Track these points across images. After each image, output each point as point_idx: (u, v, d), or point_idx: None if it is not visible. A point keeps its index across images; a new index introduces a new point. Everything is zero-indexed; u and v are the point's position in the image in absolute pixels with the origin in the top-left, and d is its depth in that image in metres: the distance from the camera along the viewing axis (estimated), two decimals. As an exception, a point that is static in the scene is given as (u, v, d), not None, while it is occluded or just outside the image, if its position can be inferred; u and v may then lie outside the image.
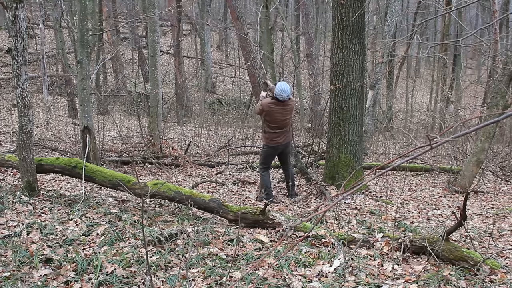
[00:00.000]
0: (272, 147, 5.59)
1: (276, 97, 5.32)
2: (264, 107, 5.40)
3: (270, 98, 5.46)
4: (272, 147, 5.59)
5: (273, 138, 5.53)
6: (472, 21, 28.94)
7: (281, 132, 5.53)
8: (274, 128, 5.47)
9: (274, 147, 5.59)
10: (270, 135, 5.52)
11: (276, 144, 5.57)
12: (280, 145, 5.59)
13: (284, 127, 5.54)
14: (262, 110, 5.42)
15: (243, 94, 19.00)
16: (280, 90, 5.28)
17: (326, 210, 1.33)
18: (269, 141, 5.56)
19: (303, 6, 14.25)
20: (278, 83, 5.41)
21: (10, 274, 2.73)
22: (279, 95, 5.28)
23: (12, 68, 4.35)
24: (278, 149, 5.63)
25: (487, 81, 13.98)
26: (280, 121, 5.46)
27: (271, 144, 5.56)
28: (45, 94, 12.15)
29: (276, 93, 5.29)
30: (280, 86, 5.31)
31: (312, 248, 3.53)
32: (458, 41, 7.50)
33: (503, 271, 3.09)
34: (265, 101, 5.44)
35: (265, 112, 5.41)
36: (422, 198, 6.13)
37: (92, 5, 12.71)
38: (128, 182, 4.56)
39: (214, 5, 26.40)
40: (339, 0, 5.85)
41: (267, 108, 5.38)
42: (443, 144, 5.83)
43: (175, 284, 2.78)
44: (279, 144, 5.58)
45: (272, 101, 5.38)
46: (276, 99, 5.34)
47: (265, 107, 5.39)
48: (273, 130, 5.49)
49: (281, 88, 5.28)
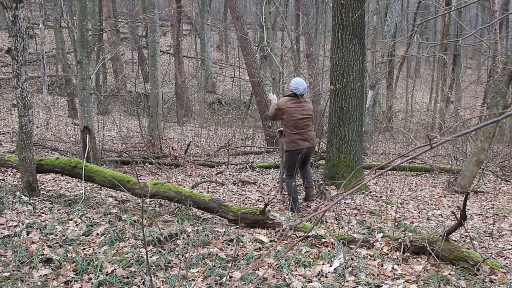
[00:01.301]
0: (295, 151, 5.08)
1: (292, 92, 5.05)
2: (280, 105, 5.05)
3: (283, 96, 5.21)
4: (296, 151, 5.08)
5: (295, 141, 5.07)
6: (472, 21, 28.94)
7: (303, 133, 5.09)
8: (294, 129, 5.05)
9: (298, 150, 5.08)
10: (291, 137, 5.08)
11: (300, 148, 5.07)
12: (303, 148, 5.10)
13: (305, 127, 5.11)
14: (279, 108, 5.05)
15: (243, 94, 19.01)
16: (296, 83, 5.04)
17: (326, 210, 1.33)
18: (291, 145, 5.09)
19: (303, 6, 14.25)
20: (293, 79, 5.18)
21: (10, 274, 2.73)
22: (295, 88, 5.02)
23: (12, 68, 4.35)
24: (302, 153, 5.11)
25: (487, 81, 13.98)
26: (300, 120, 5.05)
27: (294, 148, 5.08)
28: (45, 94, 12.15)
29: (292, 87, 5.05)
30: (295, 80, 5.09)
31: (312, 248, 3.53)
32: (458, 41, 7.50)
33: (503, 271, 3.09)
34: (281, 100, 5.13)
35: (282, 110, 5.03)
36: (422, 198, 6.13)
37: (92, 5, 12.72)
38: (128, 182, 4.56)
39: (214, 5, 26.41)
40: (339, 0, 5.85)
41: (284, 106, 5.02)
42: (443, 144, 5.83)
43: (175, 284, 2.78)
44: (302, 147, 5.09)
45: (288, 98, 5.07)
46: (293, 95, 5.06)
47: (281, 105, 5.04)
48: (294, 131, 5.06)
49: (297, 82, 5.06)
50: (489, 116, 5.30)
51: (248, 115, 16.51)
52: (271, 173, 7.77)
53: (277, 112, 5.12)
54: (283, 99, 5.13)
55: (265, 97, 11.23)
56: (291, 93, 5.12)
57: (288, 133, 5.11)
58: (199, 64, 20.71)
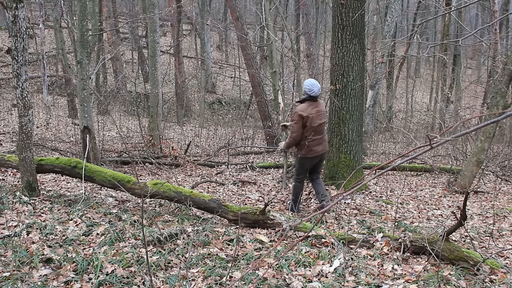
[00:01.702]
0: (311, 158, 4.91)
1: (308, 94, 4.79)
2: (302, 113, 4.73)
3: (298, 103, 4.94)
4: (311, 158, 4.91)
5: (313, 148, 4.85)
6: (472, 21, 28.95)
7: (320, 139, 4.91)
8: (314, 135, 4.81)
9: (313, 157, 4.92)
10: (310, 144, 4.82)
11: (315, 155, 4.90)
12: (318, 154, 4.94)
13: (322, 132, 4.95)
14: (301, 117, 4.73)
15: (243, 94, 19.01)
16: (310, 85, 4.79)
17: (326, 210, 1.33)
18: (308, 152, 4.85)
19: (303, 6, 14.26)
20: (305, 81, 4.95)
21: (10, 274, 2.73)
22: (310, 90, 4.77)
23: (12, 68, 4.35)
24: (316, 159, 4.97)
25: (487, 81, 13.98)
26: (318, 126, 4.83)
27: (310, 155, 4.88)
28: (45, 94, 12.15)
29: (307, 88, 4.79)
30: (309, 81, 4.85)
31: (312, 248, 3.53)
32: (458, 41, 7.49)
33: (503, 271, 3.09)
34: (300, 107, 4.81)
35: (305, 118, 4.72)
36: (422, 198, 6.13)
37: (92, 5, 12.72)
38: (128, 182, 4.56)
39: (214, 5, 26.42)
40: (339, 0, 5.86)
41: (307, 113, 4.72)
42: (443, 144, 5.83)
43: (175, 284, 2.78)
44: (318, 154, 4.92)
45: (307, 104, 4.81)
46: (309, 97, 4.80)
47: (304, 112, 4.73)
48: (313, 137, 4.82)
49: (311, 83, 4.82)
50: (489, 116, 5.30)
51: (248, 115, 16.51)
52: (271, 173, 7.77)
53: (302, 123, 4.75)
54: (302, 106, 4.82)
55: (265, 97, 11.23)
56: (306, 97, 4.83)
57: (306, 139, 4.82)
58: (199, 64, 20.71)
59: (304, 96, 4.86)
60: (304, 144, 4.83)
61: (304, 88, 4.85)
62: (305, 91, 4.83)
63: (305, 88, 4.82)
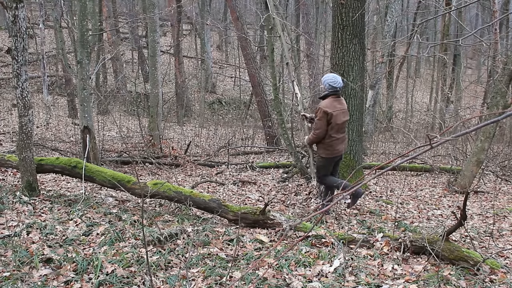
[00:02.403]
0: (331, 158, 4.61)
1: (332, 87, 4.47)
2: (327, 109, 4.42)
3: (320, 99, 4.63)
4: (332, 158, 4.62)
5: (336, 147, 4.56)
6: (472, 21, 28.94)
7: (342, 139, 4.64)
8: (336, 134, 4.53)
9: (334, 158, 4.64)
10: (332, 143, 4.54)
11: (337, 154, 4.62)
12: (340, 154, 4.67)
13: (344, 130, 4.70)
14: (326, 113, 4.41)
15: (243, 94, 19.00)
16: (333, 77, 4.48)
17: (326, 209, 1.33)
18: (330, 151, 4.57)
19: (303, 6, 14.25)
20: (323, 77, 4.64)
21: (10, 274, 2.73)
22: (334, 82, 4.44)
23: (12, 68, 4.35)
24: (336, 159, 4.68)
25: (487, 81, 13.98)
26: (342, 123, 4.57)
27: (332, 155, 4.59)
28: (45, 94, 12.15)
29: (330, 81, 4.46)
30: (330, 74, 4.57)
31: (312, 248, 3.53)
32: (458, 41, 7.50)
33: (503, 271, 3.09)
34: (324, 103, 4.49)
35: (329, 114, 4.41)
36: (422, 198, 6.13)
37: (92, 5, 12.71)
38: (128, 182, 4.56)
39: (214, 5, 26.41)
40: (339, 0, 5.86)
41: (331, 109, 4.42)
42: (443, 143, 5.82)
43: (175, 284, 2.78)
44: (339, 154, 4.65)
45: (329, 99, 4.49)
46: (332, 92, 4.49)
47: (329, 108, 4.42)
48: (336, 136, 4.53)
49: (332, 75, 4.53)
50: (489, 116, 5.30)
51: (248, 115, 16.51)
52: (271, 173, 7.77)
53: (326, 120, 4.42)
54: (326, 102, 4.48)
55: (265, 97, 11.23)
56: (329, 91, 4.50)
57: (329, 138, 4.52)
58: (199, 64, 20.71)
59: (327, 91, 4.51)
60: (327, 143, 4.54)
61: (326, 82, 4.49)
62: (329, 84, 4.46)
63: (328, 81, 4.47)
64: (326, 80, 4.50)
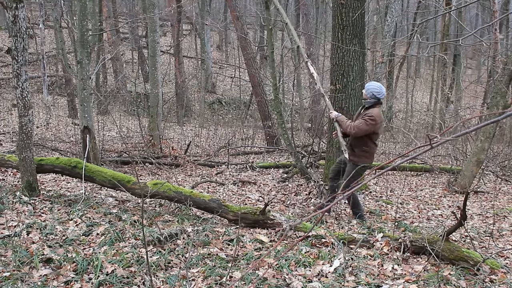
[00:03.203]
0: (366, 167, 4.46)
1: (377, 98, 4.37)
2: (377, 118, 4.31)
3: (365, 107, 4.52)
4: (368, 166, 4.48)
5: (373, 154, 4.51)
6: (472, 21, 28.93)
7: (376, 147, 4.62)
8: (375, 142, 4.49)
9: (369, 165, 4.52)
10: (372, 151, 4.49)
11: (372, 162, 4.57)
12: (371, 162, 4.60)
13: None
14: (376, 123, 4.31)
15: (243, 94, 19.00)
16: (379, 87, 4.37)
17: (326, 209, 1.33)
18: (370, 159, 4.50)
19: (303, 6, 14.25)
20: (366, 84, 4.52)
21: (10, 274, 2.73)
22: (378, 92, 4.34)
23: (12, 68, 4.35)
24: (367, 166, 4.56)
25: (487, 81, 13.98)
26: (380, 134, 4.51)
27: (369, 162, 4.49)
28: (45, 94, 12.15)
29: (375, 91, 4.34)
30: (375, 84, 4.43)
31: (312, 248, 3.53)
32: (458, 41, 7.49)
33: (503, 271, 3.09)
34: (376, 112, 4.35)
35: (378, 124, 4.34)
36: (422, 198, 6.13)
37: (92, 5, 12.71)
38: (128, 182, 4.56)
39: (214, 5, 26.41)
40: (339, 0, 5.86)
41: (380, 119, 4.33)
42: (443, 143, 5.82)
43: (175, 284, 2.78)
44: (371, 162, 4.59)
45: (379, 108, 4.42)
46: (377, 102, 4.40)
47: (378, 118, 4.32)
48: (374, 145, 4.49)
49: (378, 85, 4.41)
50: (489, 116, 5.29)
51: (248, 115, 16.52)
52: (271, 173, 7.77)
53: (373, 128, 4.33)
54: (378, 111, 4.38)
55: (265, 97, 11.23)
56: (375, 101, 4.39)
57: (371, 145, 4.47)
58: (199, 64, 20.70)
59: (372, 101, 4.39)
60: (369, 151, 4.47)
61: (370, 91, 4.36)
62: (372, 93, 4.34)
63: (373, 91, 4.34)
64: (370, 89, 4.37)
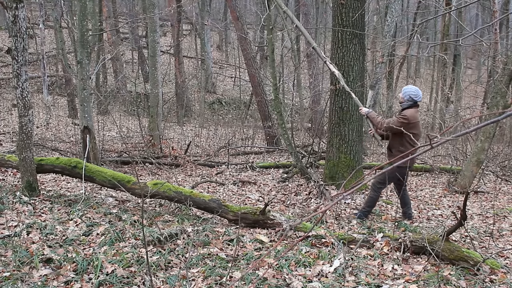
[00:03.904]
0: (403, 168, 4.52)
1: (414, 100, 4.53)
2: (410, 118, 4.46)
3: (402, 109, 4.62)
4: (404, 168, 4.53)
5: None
6: (472, 21, 28.94)
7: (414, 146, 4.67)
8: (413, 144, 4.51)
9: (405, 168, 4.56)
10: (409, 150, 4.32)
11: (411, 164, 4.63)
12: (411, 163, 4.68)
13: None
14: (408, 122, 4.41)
15: (243, 94, 19.00)
16: (415, 91, 4.54)
17: (326, 210, 1.33)
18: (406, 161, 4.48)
19: (303, 6, 14.25)
20: (404, 87, 4.68)
21: (10, 274, 2.73)
22: (416, 95, 4.52)
23: (12, 68, 4.35)
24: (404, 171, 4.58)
25: (487, 81, 13.97)
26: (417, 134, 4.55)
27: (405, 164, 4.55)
28: (45, 94, 12.15)
29: (412, 94, 4.52)
30: (412, 88, 4.60)
31: (312, 248, 3.53)
32: (458, 41, 7.49)
33: (503, 271, 3.09)
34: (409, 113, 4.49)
35: (412, 124, 4.45)
36: (422, 198, 6.13)
37: (92, 5, 12.71)
38: (128, 182, 4.56)
39: (214, 5, 26.42)
40: (339, 0, 5.86)
41: (414, 119, 4.49)
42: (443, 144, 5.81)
43: (175, 284, 2.78)
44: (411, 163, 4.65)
45: (413, 110, 4.54)
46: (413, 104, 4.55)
47: (412, 119, 4.47)
48: (412, 146, 4.51)
49: (415, 89, 4.58)
50: (489, 116, 5.29)
51: (248, 115, 16.51)
52: (271, 173, 7.77)
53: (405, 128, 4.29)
54: (411, 112, 4.52)
55: (265, 97, 11.23)
56: (411, 104, 4.55)
57: (405, 146, 4.53)
58: (199, 64, 20.70)
59: (408, 103, 4.55)
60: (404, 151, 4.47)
61: (407, 94, 4.54)
62: (410, 96, 4.53)
63: (411, 94, 4.53)
64: (408, 92, 4.55)
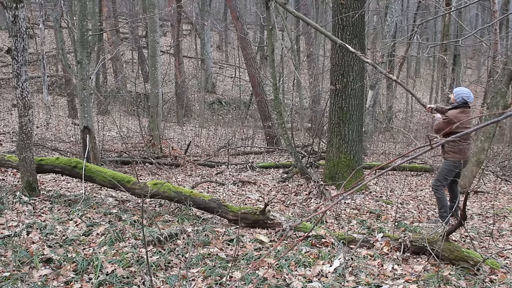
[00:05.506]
0: (460, 163, 4.76)
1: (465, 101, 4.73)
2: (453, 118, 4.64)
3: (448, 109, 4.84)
4: (459, 163, 4.77)
5: (463, 151, 4.78)
6: (472, 21, 28.92)
7: (469, 144, 4.94)
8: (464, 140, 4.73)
9: (461, 162, 4.79)
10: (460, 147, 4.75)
11: (464, 159, 4.83)
12: (466, 159, 4.89)
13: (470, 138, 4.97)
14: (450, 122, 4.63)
15: (243, 94, 19.00)
16: (468, 93, 4.75)
17: (326, 210, 1.33)
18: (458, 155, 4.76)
19: (303, 6, 14.26)
20: (455, 89, 4.90)
21: (10, 274, 2.73)
22: (468, 97, 4.72)
23: (12, 68, 4.35)
24: (459, 167, 4.83)
25: (487, 81, 13.96)
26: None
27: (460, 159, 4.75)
28: (45, 94, 12.15)
29: (465, 96, 4.72)
30: (463, 90, 4.81)
31: (312, 248, 3.53)
32: (458, 41, 7.49)
33: (503, 271, 3.09)
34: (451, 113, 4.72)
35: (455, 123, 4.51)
36: (422, 198, 6.13)
37: (92, 5, 12.70)
38: (128, 182, 4.56)
39: (214, 5, 26.40)
40: (339, 0, 5.86)
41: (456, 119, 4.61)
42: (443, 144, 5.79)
43: (175, 284, 2.78)
44: (465, 159, 4.85)
45: (459, 110, 4.72)
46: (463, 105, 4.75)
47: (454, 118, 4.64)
48: (465, 142, 4.77)
49: (467, 91, 4.78)
50: (489, 116, 5.29)
51: (248, 115, 16.51)
52: (271, 173, 7.77)
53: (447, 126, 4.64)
54: (454, 112, 4.72)
55: (265, 97, 11.22)
56: (460, 104, 4.76)
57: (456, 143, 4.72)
58: (199, 64, 20.70)
59: (457, 103, 4.76)
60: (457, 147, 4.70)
61: (459, 95, 4.74)
62: (462, 98, 4.72)
63: (463, 95, 4.72)
64: (460, 94, 4.74)
